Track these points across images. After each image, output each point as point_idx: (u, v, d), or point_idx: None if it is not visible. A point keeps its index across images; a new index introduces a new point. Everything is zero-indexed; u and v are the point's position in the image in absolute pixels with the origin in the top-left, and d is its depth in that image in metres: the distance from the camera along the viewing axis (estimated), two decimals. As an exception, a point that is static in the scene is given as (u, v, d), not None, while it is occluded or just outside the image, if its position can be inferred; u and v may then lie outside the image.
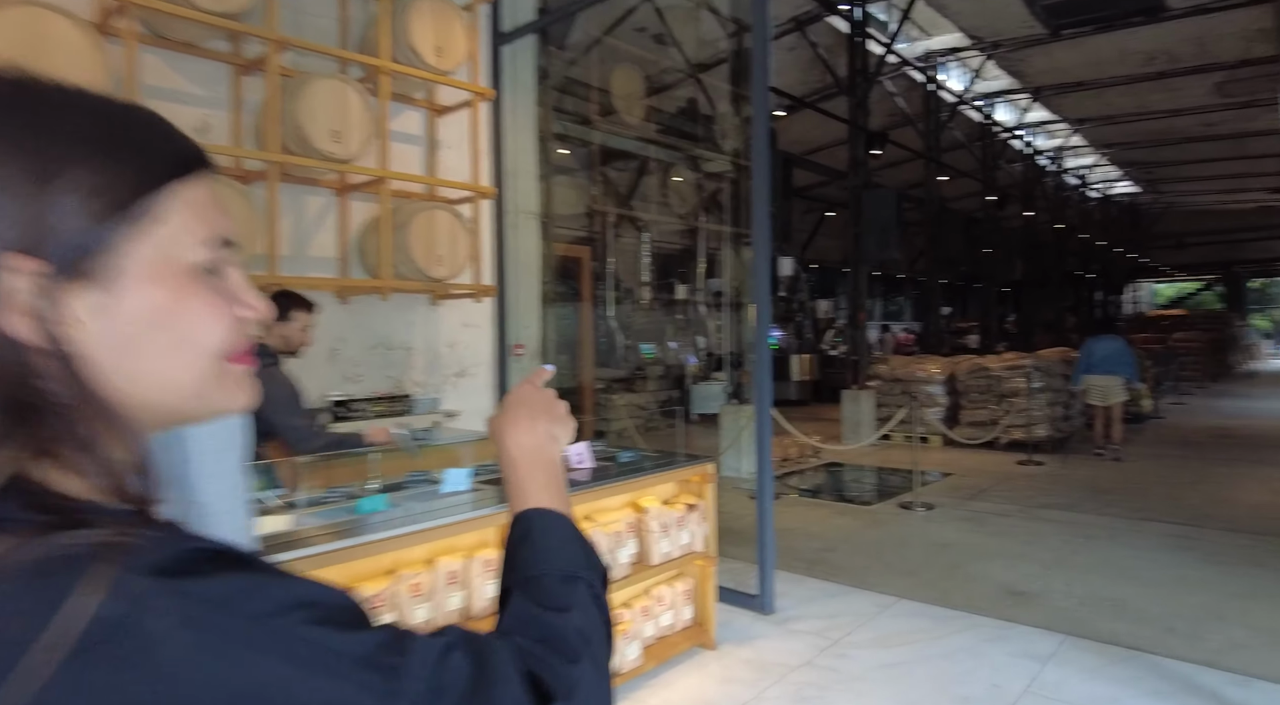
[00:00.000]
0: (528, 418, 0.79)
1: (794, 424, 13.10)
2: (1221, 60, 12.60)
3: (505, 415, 0.80)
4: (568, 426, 0.82)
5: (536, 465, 0.76)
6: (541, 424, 0.79)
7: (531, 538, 0.70)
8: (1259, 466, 8.39)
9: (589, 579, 0.68)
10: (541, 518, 0.72)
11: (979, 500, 6.94)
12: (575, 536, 0.72)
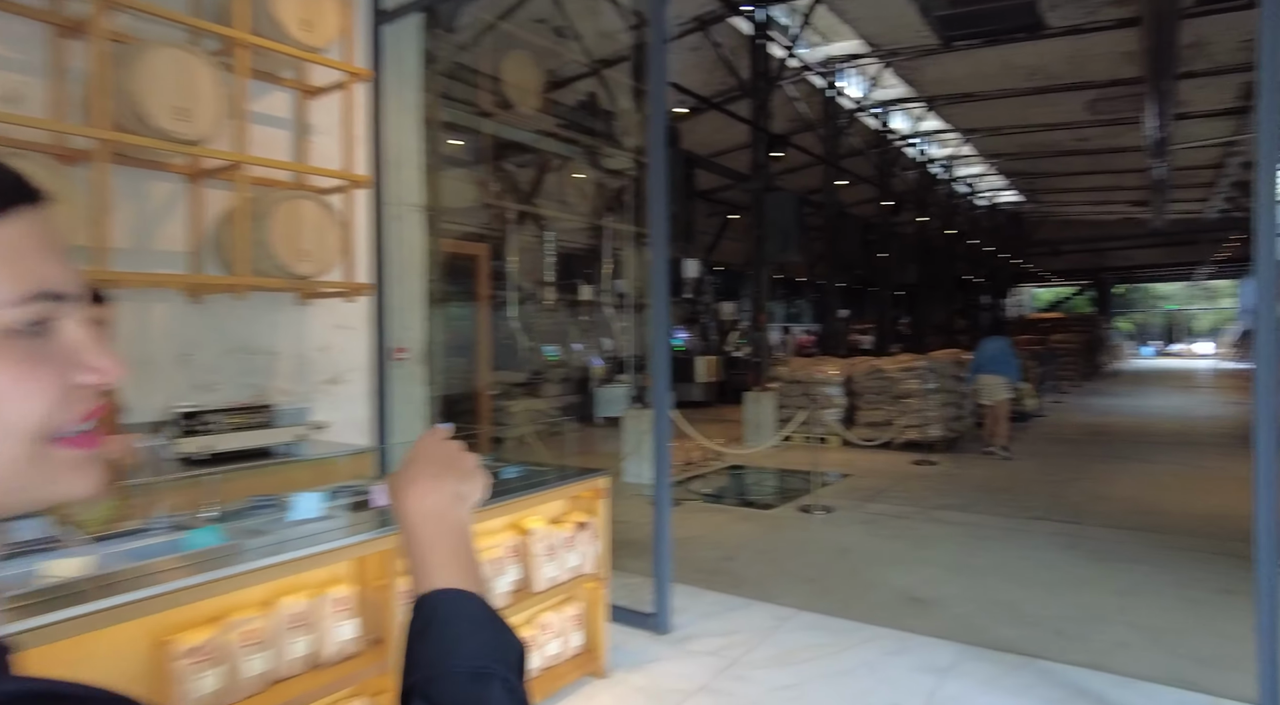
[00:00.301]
0: (429, 476, 0.72)
1: (698, 426, 13.05)
2: (1093, 79, 13.34)
3: (403, 474, 0.73)
4: (477, 483, 0.75)
5: (440, 534, 0.69)
6: (446, 483, 0.72)
7: (434, 628, 0.63)
8: (1130, 462, 8.84)
9: (502, 674, 0.62)
10: (446, 602, 0.65)
11: (877, 502, 6.97)
12: (487, 619, 0.65)
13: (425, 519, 0.69)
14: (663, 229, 3.95)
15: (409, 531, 0.70)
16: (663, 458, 4.05)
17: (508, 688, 0.61)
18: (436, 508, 0.70)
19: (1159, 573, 4.82)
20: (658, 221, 3.92)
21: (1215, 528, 5.87)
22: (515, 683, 0.63)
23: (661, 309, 3.96)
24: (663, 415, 4.02)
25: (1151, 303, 42.85)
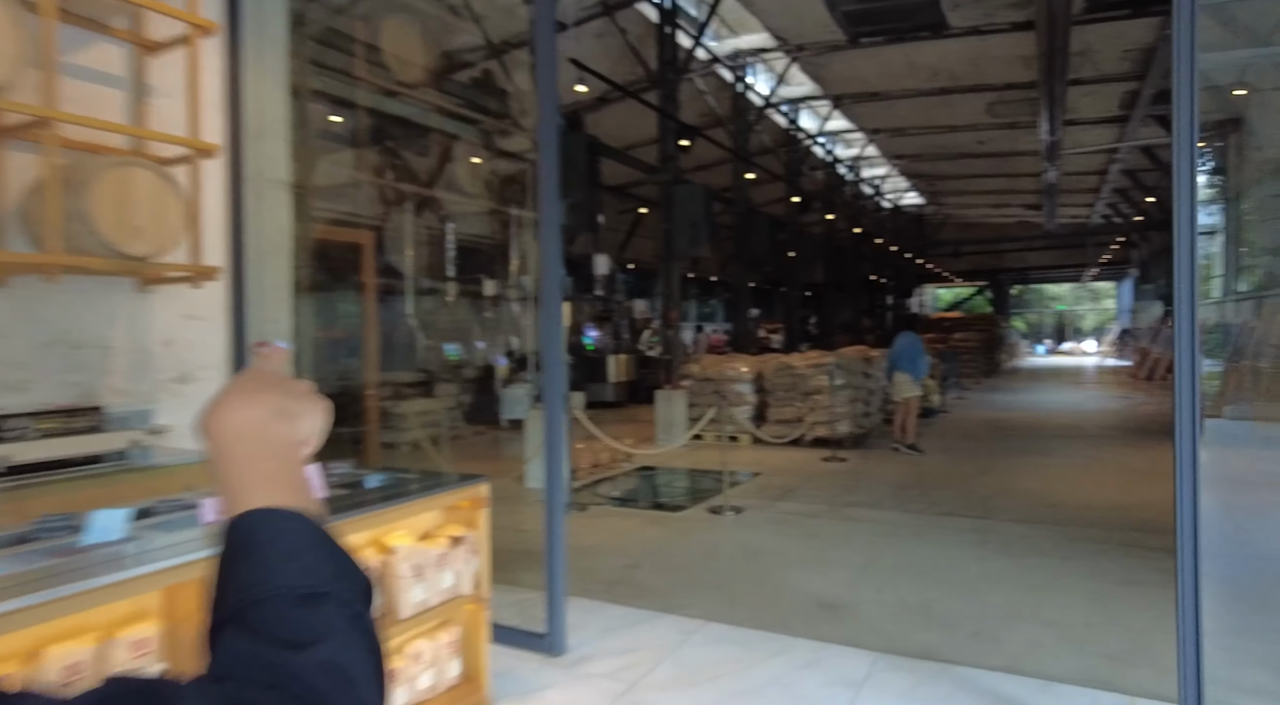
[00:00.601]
0: (246, 393, 0.60)
1: (610, 426, 12.69)
2: (992, 82, 13.72)
3: (214, 399, 0.59)
4: (312, 404, 0.62)
5: (258, 451, 0.57)
6: (266, 397, 0.60)
7: (251, 550, 0.52)
8: (1031, 456, 9.00)
9: (342, 595, 0.51)
10: (266, 522, 0.53)
11: (787, 500, 6.78)
12: (319, 539, 0.54)
13: (239, 435, 0.57)
14: (554, 214, 3.57)
15: (218, 451, 0.57)
16: (556, 464, 3.66)
17: (351, 613, 0.51)
18: (252, 422, 0.58)
19: (1067, 566, 4.75)
20: (548, 205, 3.54)
21: (1113, 518, 5.91)
22: (360, 608, 0.53)
23: (553, 302, 3.57)
24: (556, 418, 3.63)
25: (1043, 303, 45.23)
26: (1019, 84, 13.63)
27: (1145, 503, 6.37)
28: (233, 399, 0.60)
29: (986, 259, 37.03)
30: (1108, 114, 15.17)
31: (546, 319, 3.60)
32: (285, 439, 0.60)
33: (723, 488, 6.90)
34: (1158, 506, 6.24)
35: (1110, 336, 31.36)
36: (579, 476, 7.95)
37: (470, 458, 9.37)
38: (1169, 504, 6.31)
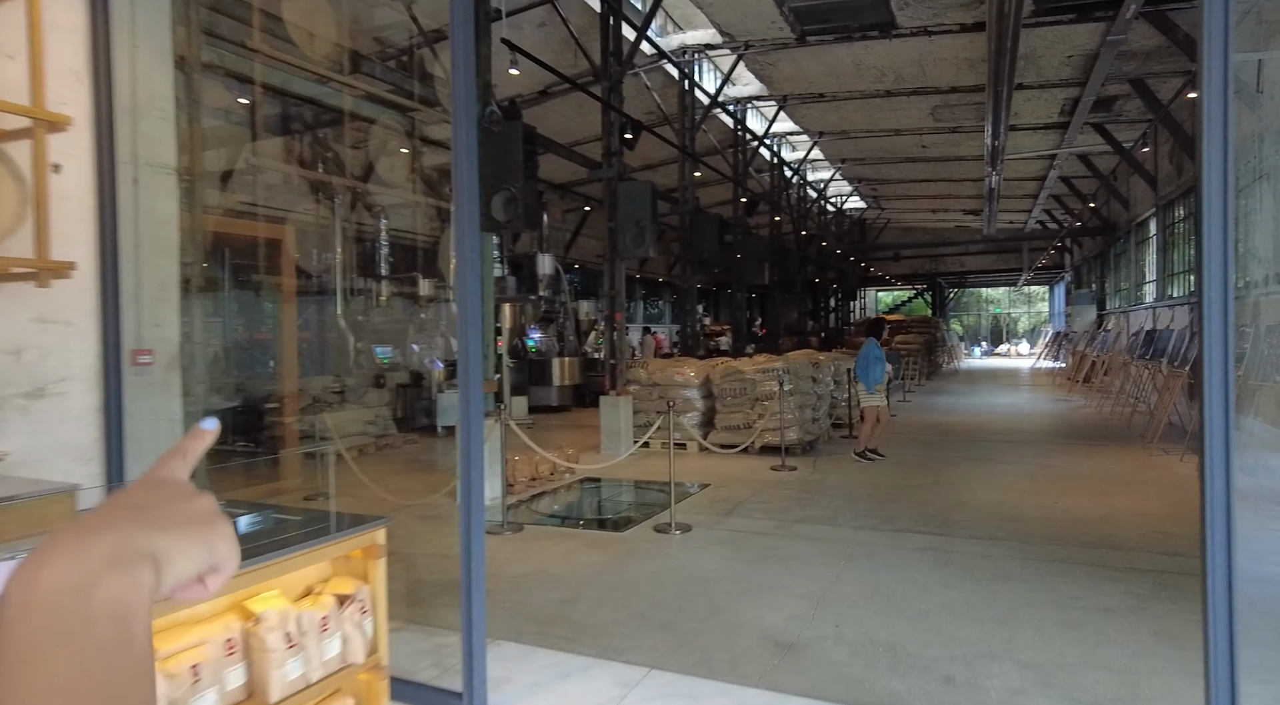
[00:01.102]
0: (89, 529, 0.43)
1: (554, 433, 12.16)
2: (938, 85, 13.66)
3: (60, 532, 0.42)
4: (201, 534, 0.47)
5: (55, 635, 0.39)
6: (115, 536, 0.43)
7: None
8: (983, 464, 8.82)
9: None
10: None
11: (737, 516, 6.38)
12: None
13: (38, 604, 0.39)
14: (472, 205, 3.07)
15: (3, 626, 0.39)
16: (473, 495, 3.16)
17: None
18: (66, 582, 0.40)
19: (1034, 591, 4.45)
20: (465, 194, 3.03)
21: (1075, 534, 5.68)
22: None
23: (471, 304, 3.07)
24: (472, 439, 3.13)
25: (980, 306, 46.28)
26: (964, 88, 13.60)
27: (1104, 516, 6.18)
28: (63, 542, 0.41)
29: (925, 263, 37.64)
30: (1048, 120, 15.31)
31: (464, 324, 3.09)
32: (119, 606, 0.40)
33: (670, 502, 6.48)
34: (1117, 520, 6.05)
35: (1045, 339, 32.12)
36: (515, 491, 7.43)
37: (398, 470, 8.75)
38: (1128, 518, 6.11)
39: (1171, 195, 13.91)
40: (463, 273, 3.10)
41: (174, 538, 0.46)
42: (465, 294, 3.08)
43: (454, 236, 3.23)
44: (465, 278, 3.10)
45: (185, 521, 0.47)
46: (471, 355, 3.12)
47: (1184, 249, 13.64)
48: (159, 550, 0.45)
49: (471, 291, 3.08)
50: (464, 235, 3.07)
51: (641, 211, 9.34)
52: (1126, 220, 17.92)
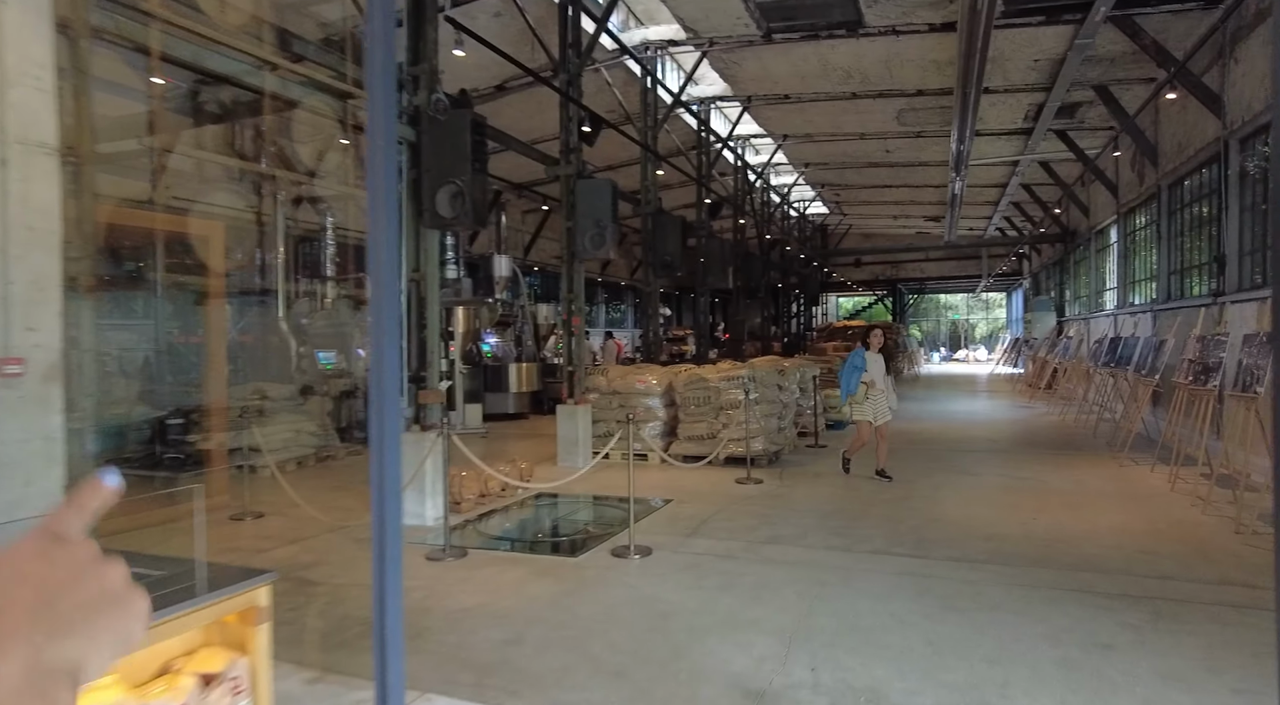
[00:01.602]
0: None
1: (509, 443, 11.61)
2: (904, 88, 13.46)
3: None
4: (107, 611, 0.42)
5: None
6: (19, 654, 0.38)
7: None
8: (954, 475, 8.52)
9: None
10: None
11: (701, 536, 5.95)
12: None
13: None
14: (389, 189, 2.55)
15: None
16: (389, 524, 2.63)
17: None
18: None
19: (1023, 623, 4.09)
20: (379, 177, 2.52)
21: (1056, 555, 5.36)
22: None
23: (387, 295, 2.56)
24: (387, 454, 2.60)
25: (939, 312, 46.75)
26: (930, 91, 13.42)
27: (1085, 534, 5.88)
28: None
29: (886, 268, 37.85)
30: (1013, 126, 15.24)
31: (378, 329, 2.59)
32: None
33: (630, 521, 6.02)
34: (1099, 539, 5.75)
35: (1003, 345, 32.43)
36: (462, 509, 6.90)
37: (338, 485, 8.15)
38: (1110, 536, 5.80)
39: (1133, 202, 13.91)
40: (376, 260, 2.61)
41: (88, 637, 0.40)
42: (381, 293, 2.58)
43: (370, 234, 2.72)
44: (380, 268, 2.60)
45: (97, 607, 0.41)
46: (386, 366, 2.62)
47: (1145, 256, 13.63)
48: (75, 659, 0.39)
49: (388, 288, 2.57)
50: (379, 213, 2.57)
51: (601, 210, 8.89)
52: (1087, 227, 18.00)
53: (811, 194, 25.26)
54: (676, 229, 11.94)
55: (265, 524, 6.63)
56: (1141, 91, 12.64)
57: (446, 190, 6.36)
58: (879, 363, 8.18)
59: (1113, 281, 15.76)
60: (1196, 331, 8.05)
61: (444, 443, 5.77)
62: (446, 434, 5.72)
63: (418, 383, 6.64)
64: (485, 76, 12.60)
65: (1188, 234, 11.30)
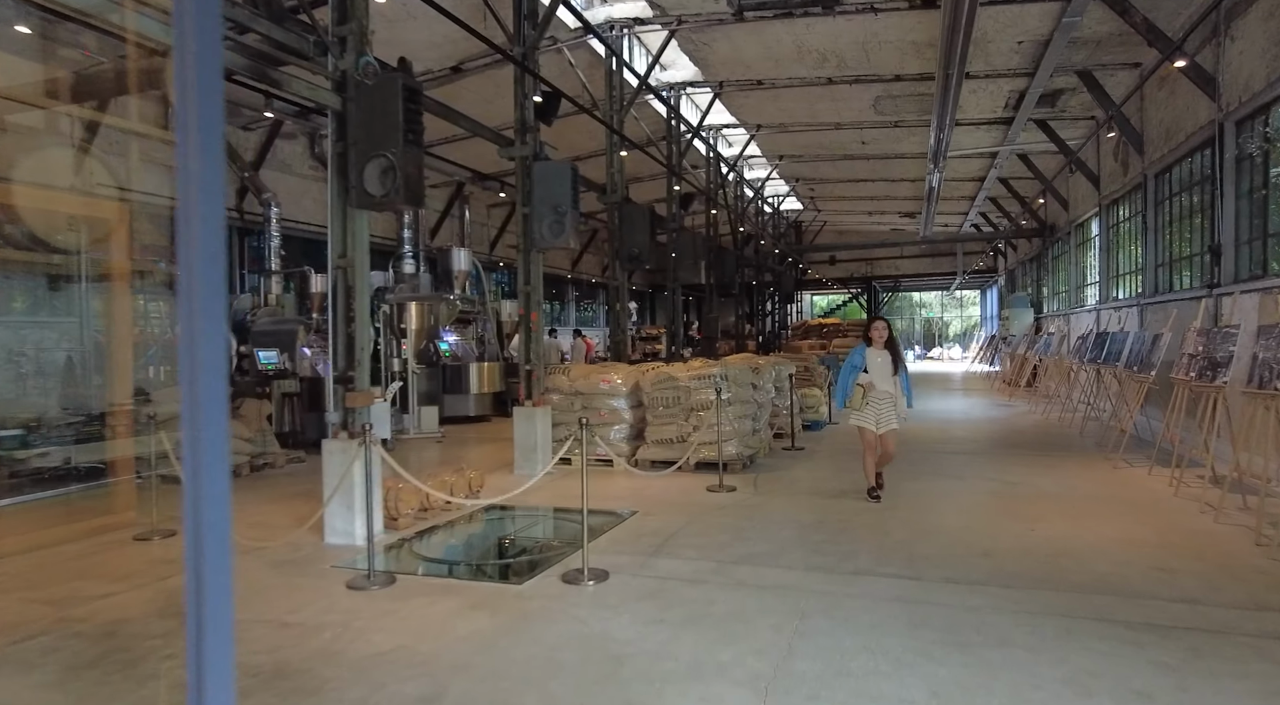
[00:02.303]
0: None
1: (467, 448, 10.84)
2: (881, 73, 12.90)
3: None
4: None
5: None
6: None
7: None
8: (940, 479, 7.93)
9: None
10: None
11: (666, 555, 5.27)
12: None
13: None
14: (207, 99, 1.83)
15: None
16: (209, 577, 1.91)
17: None
18: None
19: (1040, 664, 3.46)
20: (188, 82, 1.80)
21: (1064, 574, 4.76)
22: None
23: (201, 259, 1.83)
24: (212, 481, 1.88)
25: (912, 310, 46.58)
26: (909, 75, 12.89)
27: (1092, 547, 5.29)
28: None
29: (861, 266, 37.53)
30: (993, 115, 14.77)
31: (193, 328, 1.86)
32: None
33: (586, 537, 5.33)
34: (1108, 553, 5.15)
35: (978, 343, 32.19)
36: (399, 526, 6.16)
37: (270, 498, 7.36)
38: (1119, 550, 5.21)
39: (1116, 194, 13.48)
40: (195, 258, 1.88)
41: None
42: (193, 255, 1.85)
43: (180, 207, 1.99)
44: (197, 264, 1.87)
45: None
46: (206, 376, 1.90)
47: (1130, 249, 13.21)
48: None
49: (202, 250, 1.85)
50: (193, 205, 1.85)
51: (561, 195, 8.18)
52: (1066, 221, 17.62)
53: (785, 189, 24.74)
54: (645, 219, 11.26)
55: (175, 544, 5.83)
56: (1127, 78, 12.20)
57: (376, 164, 5.62)
58: (884, 360, 6.74)
59: (1094, 276, 15.35)
60: (1197, 324, 7.53)
61: (365, 452, 5.03)
62: (367, 441, 4.97)
63: (345, 384, 5.88)
64: (438, 56, 11.84)
65: (1176, 225, 10.85)
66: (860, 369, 6.77)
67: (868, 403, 6.70)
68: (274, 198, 12.64)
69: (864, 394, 6.67)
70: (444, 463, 9.83)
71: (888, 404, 6.71)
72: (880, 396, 6.70)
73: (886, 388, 6.71)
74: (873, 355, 6.78)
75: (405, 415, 11.78)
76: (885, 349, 6.78)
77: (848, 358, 6.98)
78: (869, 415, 6.70)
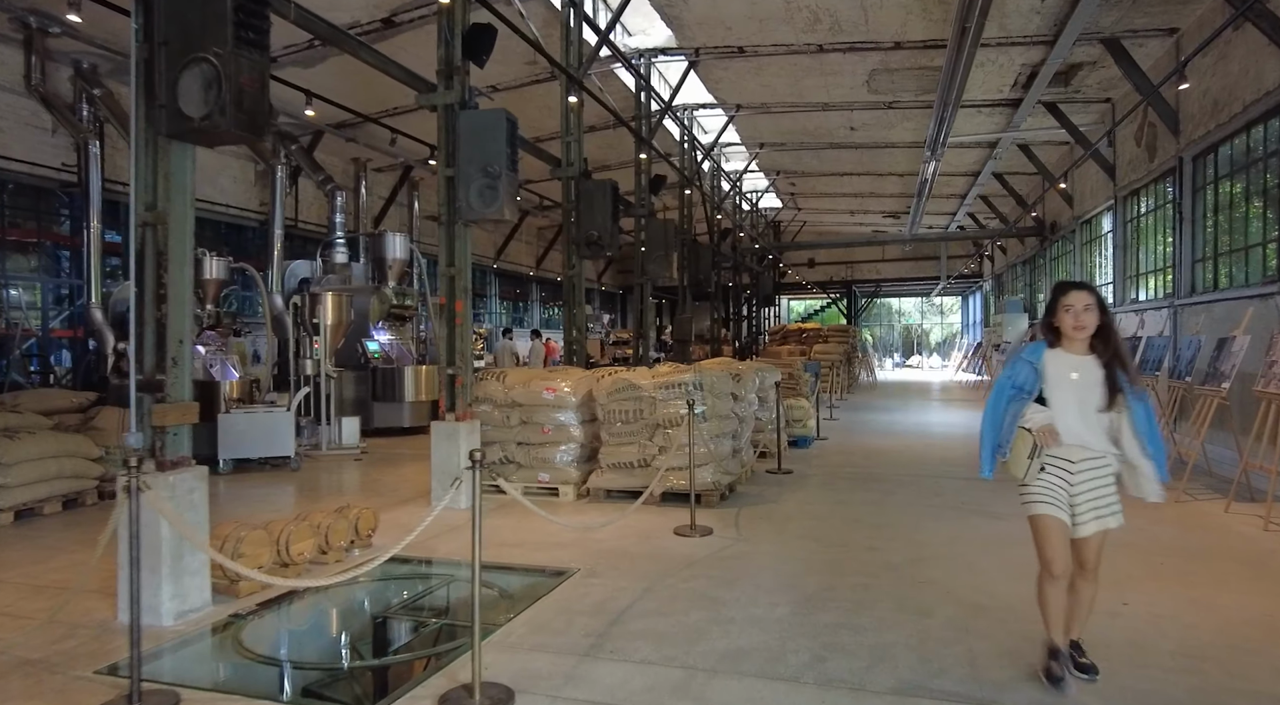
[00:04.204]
0: None
1: (387, 470, 8.93)
2: (879, 39, 11.34)
3: None
4: None
5: None
6: None
7: None
8: (967, 518, 6.29)
9: None
10: None
11: (608, 655, 3.54)
12: None
13: None
14: None
15: None
16: None
17: None
18: None
19: None
20: None
21: (1221, 691, 3.10)
22: None
23: None
24: None
25: (891, 317, 45.36)
26: (911, 43, 11.33)
27: (1223, 634, 3.63)
28: None
29: (841, 269, 36.17)
30: (999, 96, 13.30)
31: None
32: None
33: (498, 616, 3.60)
34: (1260, 653, 3.49)
35: (963, 351, 30.92)
36: (239, 591, 4.35)
37: (92, 541, 5.51)
38: (1269, 642, 3.55)
39: (1138, 183, 12.03)
40: None
41: None
42: None
43: None
44: None
45: None
46: None
47: (1154, 244, 11.76)
48: None
49: None
50: None
51: (494, 153, 6.44)
52: (1070, 218, 16.21)
53: (765, 183, 23.19)
54: (607, 198, 9.55)
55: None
56: (1157, 48, 10.75)
57: (195, 73, 3.83)
58: (1089, 375, 3.09)
59: (1106, 276, 13.92)
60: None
61: (132, 503, 3.18)
62: (134, 483, 3.14)
63: (153, 392, 4.07)
64: (365, 4, 10.05)
65: (1224, 212, 9.37)
66: (1031, 392, 3.15)
67: (1043, 464, 3.11)
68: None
69: (1038, 449, 3.09)
70: (354, 488, 8.01)
71: (1096, 472, 3.10)
72: (1080, 455, 3.10)
73: (1092, 439, 3.09)
74: (1061, 363, 3.13)
75: (321, 427, 9.92)
76: (1091, 353, 3.10)
77: (1008, 364, 3.32)
78: (1052, 490, 3.11)
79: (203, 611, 4.11)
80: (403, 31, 10.68)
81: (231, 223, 14.41)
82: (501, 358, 17.31)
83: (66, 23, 9.60)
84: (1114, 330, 3.11)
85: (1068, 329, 3.07)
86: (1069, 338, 3.09)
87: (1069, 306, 3.08)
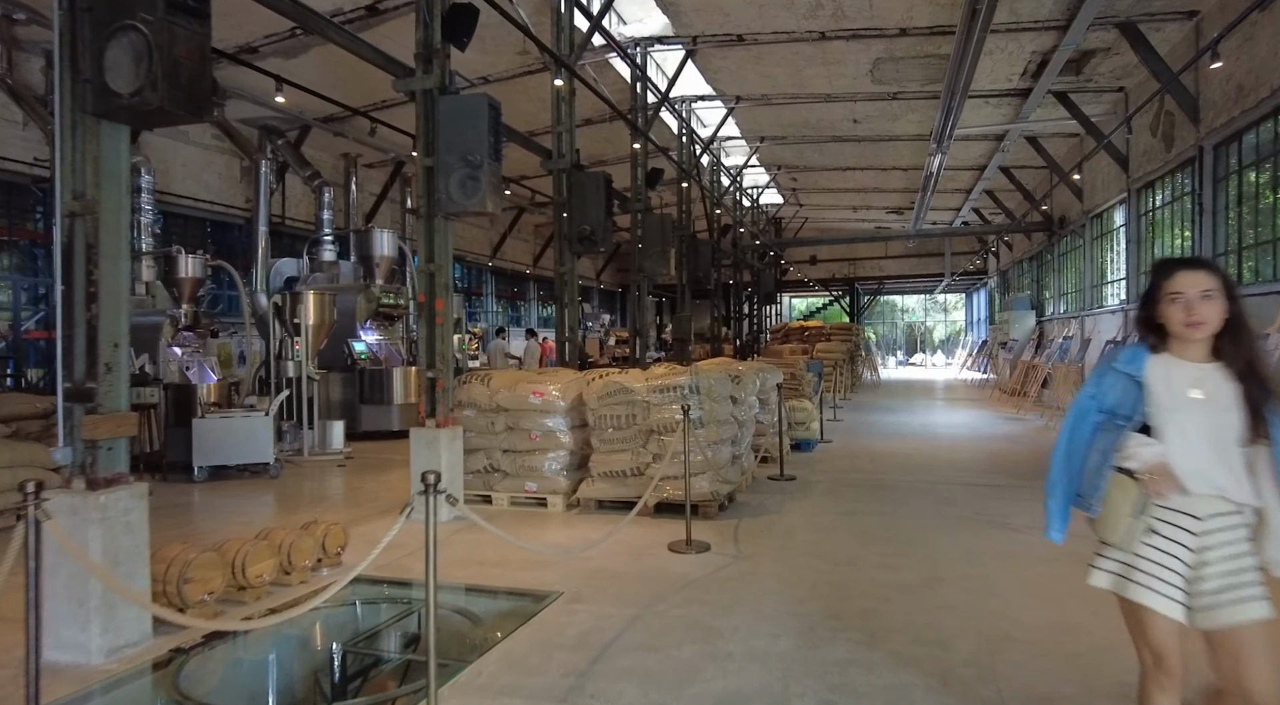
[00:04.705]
0: None
1: (370, 477, 8.48)
2: (884, 25, 10.89)
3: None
4: None
5: None
6: None
7: None
8: (985, 529, 5.86)
9: None
10: None
11: (585, 699, 3.12)
12: None
13: None
14: None
15: None
16: None
17: None
18: None
19: None
20: None
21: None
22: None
23: None
24: None
25: (894, 315, 44.91)
26: (917, 29, 10.90)
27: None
28: None
29: (844, 266, 35.74)
30: (1008, 85, 12.85)
31: None
32: None
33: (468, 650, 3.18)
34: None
35: (968, 349, 30.48)
36: (181, 628, 3.93)
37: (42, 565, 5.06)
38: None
39: (1153, 175, 11.60)
40: None
41: None
42: None
43: None
44: None
45: None
46: None
47: (1168, 239, 11.32)
48: None
49: None
50: None
51: (475, 141, 6.02)
52: (1080, 213, 15.77)
53: (765, 178, 22.74)
54: (600, 190, 9.13)
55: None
56: (1175, 32, 10.31)
57: (123, 44, 3.42)
58: (1212, 389, 2.07)
59: (1119, 272, 13.48)
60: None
61: (30, 534, 2.76)
62: (30, 513, 2.72)
63: (83, 401, 3.65)
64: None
65: (1248, 203, 8.93)
66: (1129, 418, 2.16)
67: (1150, 527, 2.10)
68: (145, 163, 10.31)
69: (1143, 503, 2.08)
70: (333, 498, 7.60)
71: (1231, 534, 2.07)
72: (1209, 509, 2.07)
73: (1230, 484, 2.05)
74: (1174, 375, 2.13)
75: (303, 432, 9.51)
76: (1215, 359, 2.12)
77: (1092, 377, 2.33)
78: (1165, 566, 2.08)
79: (141, 646, 3.69)
80: (387, 19, 10.27)
81: (217, 220, 14.01)
82: (494, 359, 16.88)
83: (33, 9, 9.17)
84: (1247, 324, 2.11)
85: (1178, 327, 2.09)
86: (1180, 338, 2.11)
87: (1177, 294, 2.08)
